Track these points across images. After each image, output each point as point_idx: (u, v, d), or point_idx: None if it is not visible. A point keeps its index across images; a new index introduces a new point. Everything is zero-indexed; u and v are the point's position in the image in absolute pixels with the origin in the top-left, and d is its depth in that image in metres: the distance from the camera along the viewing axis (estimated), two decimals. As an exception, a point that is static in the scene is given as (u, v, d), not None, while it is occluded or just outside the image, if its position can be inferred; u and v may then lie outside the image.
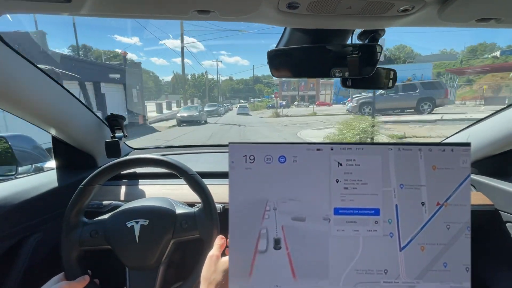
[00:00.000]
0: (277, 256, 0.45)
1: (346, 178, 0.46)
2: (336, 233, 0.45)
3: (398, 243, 0.45)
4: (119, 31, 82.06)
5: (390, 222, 0.46)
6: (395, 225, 0.46)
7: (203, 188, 0.72)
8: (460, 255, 0.45)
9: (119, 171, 0.75)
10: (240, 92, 75.28)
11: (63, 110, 0.88)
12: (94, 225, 0.71)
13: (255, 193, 0.46)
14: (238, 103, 47.11)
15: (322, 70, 0.67)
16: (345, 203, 0.46)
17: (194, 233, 0.70)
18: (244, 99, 62.73)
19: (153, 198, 0.78)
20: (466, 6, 0.46)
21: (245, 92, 74.08)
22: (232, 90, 79.41)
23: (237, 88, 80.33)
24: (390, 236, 0.45)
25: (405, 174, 0.46)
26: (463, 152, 0.46)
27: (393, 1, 0.45)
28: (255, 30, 77.39)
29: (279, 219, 0.46)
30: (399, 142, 0.48)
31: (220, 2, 0.46)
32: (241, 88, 79.21)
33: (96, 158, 1.07)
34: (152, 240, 0.69)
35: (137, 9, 0.49)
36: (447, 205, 0.46)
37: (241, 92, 74.65)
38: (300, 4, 0.46)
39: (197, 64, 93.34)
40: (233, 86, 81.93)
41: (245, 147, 0.46)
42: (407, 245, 0.45)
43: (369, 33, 0.61)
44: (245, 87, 77.79)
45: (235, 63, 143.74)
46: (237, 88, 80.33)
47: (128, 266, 0.69)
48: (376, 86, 0.75)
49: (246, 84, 79.64)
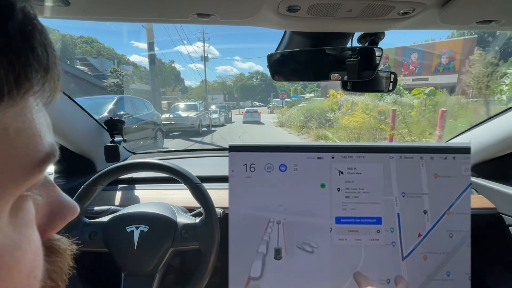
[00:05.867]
0: (278, 266, 0.44)
1: (348, 186, 0.45)
2: (337, 242, 0.45)
3: (400, 252, 0.45)
4: (135, 37, 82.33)
5: (392, 231, 0.45)
6: (397, 234, 0.45)
7: (207, 199, 0.71)
8: (463, 263, 0.45)
9: (123, 174, 0.75)
10: (252, 91, 59.81)
11: (61, 114, 0.87)
12: (93, 226, 0.70)
13: (255, 203, 0.45)
14: (250, 106, 36.16)
15: (322, 73, 0.67)
16: (347, 212, 0.45)
17: (194, 243, 0.69)
18: (259, 101, 50.37)
19: (154, 204, 0.77)
20: (467, 8, 0.46)
21: (259, 90, 58.18)
22: (244, 88, 60.46)
23: (249, 85, 61.80)
24: (393, 245, 0.45)
25: (406, 183, 0.46)
26: (464, 160, 0.45)
27: (393, 4, 0.45)
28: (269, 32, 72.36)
29: (280, 230, 0.45)
30: (401, 146, 0.47)
31: (220, 6, 0.46)
32: (255, 84, 61.28)
33: (95, 163, 1.06)
34: (150, 247, 0.68)
35: (138, 13, 0.49)
36: (449, 214, 0.45)
37: (254, 91, 58.87)
38: (300, 7, 0.46)
39: (210, 70, 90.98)
40: (243, 83, 62.33)
41: (245, 155, 0.45)
42: (410, 254, 0.45)
43: (369, 36, 0.61)
44: (260, 83, 59.85)
45: (249, 68, 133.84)
46: (249, 85, 61.80)
47: (124, 271, 0.68)
48: (377, 90, 0.74)
49: (262, 79, 59.84)
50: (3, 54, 0.13)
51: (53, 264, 0.20)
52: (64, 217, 0.21)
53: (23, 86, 0.14)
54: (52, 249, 0.21)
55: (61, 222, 0.21)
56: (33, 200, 0.18)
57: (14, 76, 0.13)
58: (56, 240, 0.22)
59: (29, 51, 0.14)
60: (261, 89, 58.75)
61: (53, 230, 0.21)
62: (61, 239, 0.22)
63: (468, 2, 0.43)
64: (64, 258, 0.22)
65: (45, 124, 0.17)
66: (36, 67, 0.14)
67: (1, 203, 0.15)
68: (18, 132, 0.15)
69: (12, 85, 0.13)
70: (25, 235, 0.17)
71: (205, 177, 0.92)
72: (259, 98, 55.16)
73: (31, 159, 0.16)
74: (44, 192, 0.20)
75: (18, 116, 0.15)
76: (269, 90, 54.12)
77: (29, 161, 0.15)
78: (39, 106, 0.16)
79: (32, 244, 0.18)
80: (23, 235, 0.17)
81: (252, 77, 63.76)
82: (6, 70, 0.13)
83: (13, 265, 0.16)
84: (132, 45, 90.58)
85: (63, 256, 0.21)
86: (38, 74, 0.14)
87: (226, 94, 47.06)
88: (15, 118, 0.14)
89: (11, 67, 0.13)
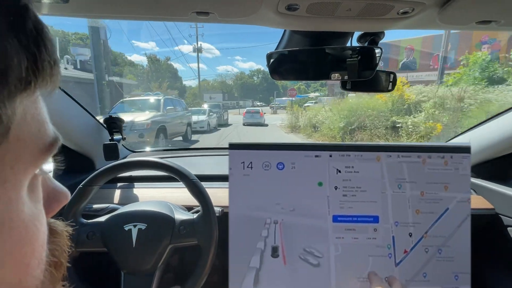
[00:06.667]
0: (275, 264, 0.44)
1: (345, 185, 0.45)
2: (335, 241, 0.45)
3: (398, 250, 0.45)
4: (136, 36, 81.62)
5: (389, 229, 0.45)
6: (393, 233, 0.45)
7: (204, 194, 0.71)
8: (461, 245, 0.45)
9: (119, 173, 0.75)
10: (253, 90, 55.55)
11: (60, 112, 0.87)
12: (91, 226, 0.70)
13: (253, 200, 0.45)
14: (251, 105, 32.26)
15: (321, 73, 0.67)
16: (344, 210, 0.45)
17: (192, 239, 0.69)
18: (260, 101, 46.42)
19: (152, 202, 0.77)
20: (466, 9, 0.46)
21: (261, 89, 54.72)
22: (244, 87, 56.23)
23: (250, 84, 57.13)
24: (390, 244, 0.45)
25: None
26: (464, 159, 0.46)
27: (393, 4, 0.45)
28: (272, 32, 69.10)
29: (277, 228, 0.45)
30: (399, 146, 0.47)
31: (219, 4, 0.46)
32: (256, 83, 56.82)
33: (94, 161, 1.06)
34: (149, 245, 0.68)
35: (136, 11, 0.49)
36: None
37: (255, 91, 55.41)
38: (300, 6, 0.46)
39: (211, 69, 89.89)
40: (244, 81, 57.74)
41: (244, 153, 0.46)
42: (413, 248, 0.45)
43: (368, 36, 0.61)
44: (262, 82, 55.76)
45: (250, 68, 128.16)
46: (250, 84, 57.13)
47: (124, 270, 0.68)
48: (376, 89, 0.74)
49: (264, 77, 55.32)
50: (26, 50, 0.15)
51: (54, 243, 0.22)
52: (60, 200, 0.24)
53: (39, 77, 0.16)
54: (51, 231, 0.22)
55: (57, 205, 0.23)
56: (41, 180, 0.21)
57: (36, 67, 0.15)
58: (53, 222, 0.24)
59: (43, 46, 0.16)
60: (263, 88, 56.11)
61: (50, 213, 0.23)
62: (57, 222, 0.24)
63: (467, 2, 0.43)
64: (62, 239, 0.24)
65: (46, 114, 0.19)
66: (48, 60, 0.16)
67: (23, 179, 0.17)
68: (33, 118, 0.17)
69: (33, 77, 0.15)
70: (39, 209, 0.20)
71: (204, 176, 0.92)
72: (260, 97, 52.78)
73: (43, 141, 0.18)
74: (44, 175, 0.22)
75: (33, 103, 0.17)
76: (271, 89, 51.78)
77: (41, 143, 0.18)
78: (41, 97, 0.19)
79: (44, 218, 0.20)
80: (38, 209, 0.19)
81: (253, 75, 60.24)
82: (30, 62, 0.15)
83: (35, 233, 0.18)
84: (133, 44, 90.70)
85: (62, 236, 0.24)
86: (49, 66, 0.16)
87: (225, 93, 45.83)
88: (31, 105, 0.17)
89: (32, 61, 0.15)
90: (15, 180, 0.17)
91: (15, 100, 0.15)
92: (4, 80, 0.14)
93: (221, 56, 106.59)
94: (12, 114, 0.15)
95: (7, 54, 0.14)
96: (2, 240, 0.16)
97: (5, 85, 0.14)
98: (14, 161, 0.16)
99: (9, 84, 0.14)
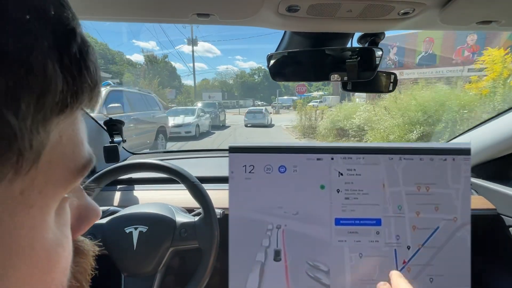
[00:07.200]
0: (277, 268, 0.44)
1: (347, 188, 0.45)
2: (337, 244, 0.44)
3: (400, 252, 0.45)
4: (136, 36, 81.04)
5: (392, 232, 0.45)
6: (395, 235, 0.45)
7: (205, 197, 0.71)
8: (463, 257, 0.45)
9: (120, 175, 0.75)
10: (254, 89, 53.63)
11: None
12: (91, 229, 0.69)
13: (255, 204, 0.45)
14: (252, 105, 30.11)
15: (321, 74, 0.67)
16: (346, 213, 0.45)
17: (193, 242, 0.69)
18: (261, 100, 44.28)
19: (153, 204, 0.77)
20: (467, 9, 0.46)
21: (262, 88, 52.51)
22: (244, 86, 54.59)
23: (251, 83, 55.11)
24: (392, 246, 0.45)
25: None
26: (464, 159, 0.45)
27: (394, 4, 0.45)
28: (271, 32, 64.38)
29: (280, 231, 0.45)
30: (401, 148, 0.47)
31: (220, 6, 0.46)
32: (257, 82, 54.47)
33: (95, 163, 1.06)
34: (150, 247, 0.67)
35: (137, 13, 0.49)
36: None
37: (256, 90, 53.26)
38: (300, 8, 0.46)
39: (211, 69, 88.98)
40: (244, 80, 55.90)
41: (245, 156, 0.45)
42: (413, 252, 0.45)
43: (369, 37, 0.61)
44: (263, 80, 53.39)
45: (250, 67, 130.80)
46: (251, 83, 55.11)
47: (124, 272, 0.68)
48: (377, 90, 0.74)
49: (265, 76, 52.38)
50: (68, 72, 0.15)
51: (78, 264, 0.21)
52: (90, 219, 0.23)
53: (79, 99, 0.16)
54: (77, 250, 0.22)
55: (87, 224, 0.22)
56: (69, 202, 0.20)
57: (74, 91, 0.15)
58: (81, 241, 0.23)
59: (85, 69, 0.16)
60: (264, 87, 54.36)
61: (79, 232, 0.22)
62: (85, 240, 0.23)
63: (468, 2, 0.43)
64: (88, 259, 0.23)
65: (85, 133, 0.19)
66: (89, 83, 0.16)
67: (51, 203, 0.16)
68: (68, 140, 0.17)
69: (73, 98, 0.15)
70: (65, 234, 0.19)
71: (205, 177, 0.92)
72: (261, 96, 51.27)
73: (76, 163, 0.17)
74: (75, 196, 0.21)
75: (70, 125, 0.17)
76: (272, 87, 49.43)
77: (74, 166, 0.17)
78: (81, 117, 0.18)
79: (69, 243, 0.19)
80: (63, 234, 0.18)
81: (254, 74, 57.80)
82: (70, 85, 0.15)
83: (57, 260, 0.17)
84: (133, 44, 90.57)
85: (87, 257, 0.23)
86: (89, 89, 0.16)
87: (225, 91, 44.88)
88: (68, 127, 0.16)
89: (73, 83, 0.15)
90: (42, 204, 0.15)
91: (50, 124, 0.14)
92: (40, 104, 0.13)
93: (222, 56, 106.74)
94: (45, 139, 0.14)
95: (46, 77, 0.13)
96: (18, 269, 0.15)
97: (40, 109, 0.13)
98: (43, 184, 0.15)
99: (45, 108, 0.14)
